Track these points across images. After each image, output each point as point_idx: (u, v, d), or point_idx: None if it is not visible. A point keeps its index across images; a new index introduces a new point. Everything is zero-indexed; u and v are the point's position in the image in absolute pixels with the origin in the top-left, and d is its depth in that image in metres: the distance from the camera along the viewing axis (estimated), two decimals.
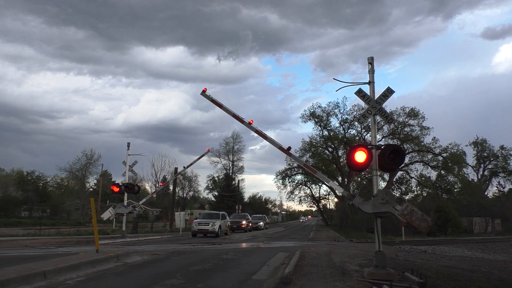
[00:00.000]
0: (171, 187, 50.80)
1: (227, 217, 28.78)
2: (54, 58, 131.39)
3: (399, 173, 55.40)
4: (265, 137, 10.68)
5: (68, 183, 69.87)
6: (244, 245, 18.43)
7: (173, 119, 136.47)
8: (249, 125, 10.65)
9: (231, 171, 69.75)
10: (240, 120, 10.81)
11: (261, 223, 43.66)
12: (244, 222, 36.87)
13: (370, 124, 9.32)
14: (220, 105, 11.12)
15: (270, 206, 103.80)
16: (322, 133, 57.00)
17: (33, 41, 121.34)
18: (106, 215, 22.20)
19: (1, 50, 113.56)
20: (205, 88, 11.14)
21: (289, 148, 10.54)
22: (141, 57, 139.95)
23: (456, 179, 57.17)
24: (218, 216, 27.14)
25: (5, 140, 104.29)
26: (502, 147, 61.51)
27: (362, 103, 9.93)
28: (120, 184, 23.46)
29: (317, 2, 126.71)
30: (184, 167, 28.23)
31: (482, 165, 65.02)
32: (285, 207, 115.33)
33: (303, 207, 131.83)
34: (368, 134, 48.54)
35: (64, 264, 8.37)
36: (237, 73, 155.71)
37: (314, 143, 57.44)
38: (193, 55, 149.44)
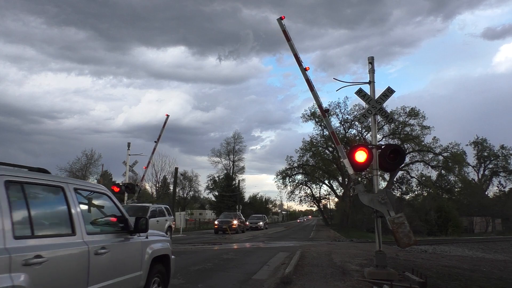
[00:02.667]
0: (171, 187, 50.77)
1: (167, 215, 19.39)
2: (55, 58, 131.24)
3: (400, 173, 55.40)
4: (311, 89, 10.12)
5: None
6: (244, 245, 18.42)
7: (173, 119, 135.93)
8: (304, 71, 10.29)
9: (231, 171, 69.80)
10: (299, 62, 10.31)
11: (261, 223, 41.59)
12: (235, 222, 31.87)
13: (370, 124, 9.33)
14: (288, 39, 10.68)
15: (270, 206, 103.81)
16: (323, 133, 57.00)
17: (34, 41, 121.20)
18: None
19: (2, 51, 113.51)
20: (283, 16, 10.75)
21: (327, 110, 10.56)
22: (142, 57, 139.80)
23: (456, 178, 57.17)
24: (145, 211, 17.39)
25: (6, 140, 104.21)
26: (502, 147, 61.54)
27: (363, 103, 9.93)
28: (120, 184, 23.55)
29: (318, 2, 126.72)
30: (155, 141, 25.24)
31: (482, 165, 65.04)
32: (285, 207, 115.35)
33: (304, 207, 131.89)
34: (369, 134, 48.55)
35: None
36: (238, 74, 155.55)
37: (314, 143, 57.48)
38: (194, 55, 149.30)
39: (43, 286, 3.11)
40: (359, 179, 8.70)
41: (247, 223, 38.95)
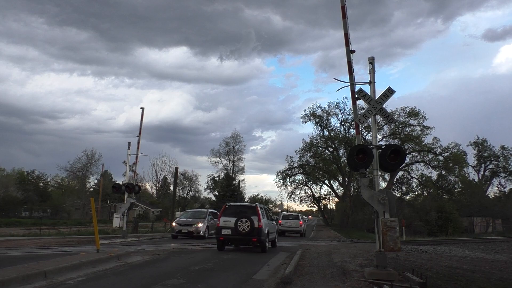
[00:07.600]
0: (171, 187, 50.72)
1: None
2: (58, 59, 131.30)
3: (400, 173, 55.41)
4: (350, 73, 9.57)
5: (69, 183, 69.84)
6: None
7: (175, 120, 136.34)
8: (349, 52, 9.53)
9: (231, 171, 69.75)
10: (347, 42, 9.54)
11: (200, 225, 21.59)
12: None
13: (371, 124, 9.31)
14: (344, 16, 9.40)
15: (271, 206, 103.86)
16: (323, 133, 57.01)
17: (37, 42, 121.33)
18: (116, 223, 22.31)
19: (5, 51, 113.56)
20: None
21: (358, 98, 9.41)
22: (145, 58, 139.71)
23: (457, 179, 57.18)
24: None
25: (7, 140, 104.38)
26: (502, 147, 61.59)
27: (363, 103, 9.90)
28: (121, 184, 23.59)
29: (319, 3, 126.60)
30: (137, 136, 25.17)
31: (482, 165, 65.08)
32: (285, 207, 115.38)
33: (304, 207, 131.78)
34: (369, 134, 48.52)
35: (65, 264, 8.36)
36: (240, 74, 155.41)
37: (314, 143, 57.44)
38: (196, 56, 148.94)
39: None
40: (367, 174, 8.60)
41: (173, 224, 23.45)
